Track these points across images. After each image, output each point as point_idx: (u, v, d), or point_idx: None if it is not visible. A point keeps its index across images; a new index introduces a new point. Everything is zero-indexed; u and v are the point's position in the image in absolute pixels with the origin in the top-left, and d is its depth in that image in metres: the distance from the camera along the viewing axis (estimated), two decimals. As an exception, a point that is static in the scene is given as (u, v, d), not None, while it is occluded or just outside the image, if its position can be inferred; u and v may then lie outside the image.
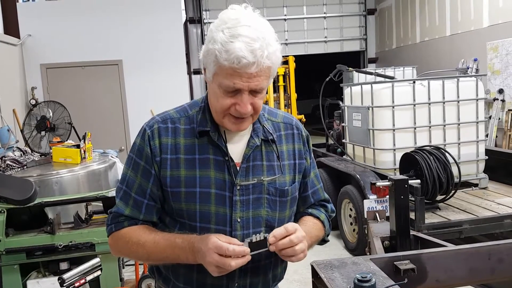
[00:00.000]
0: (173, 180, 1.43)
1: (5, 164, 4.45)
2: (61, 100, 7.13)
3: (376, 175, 4.71)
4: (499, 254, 1.71)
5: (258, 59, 1.29)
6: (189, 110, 1.52)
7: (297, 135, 1.60)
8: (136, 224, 1.47)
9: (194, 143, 1.46)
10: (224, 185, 1.44)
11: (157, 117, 1.52)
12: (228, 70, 1.31)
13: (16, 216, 3.37)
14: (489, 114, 8.02)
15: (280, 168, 1.50)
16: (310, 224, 1.57)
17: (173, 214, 1.47)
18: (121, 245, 1.48)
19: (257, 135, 1.50)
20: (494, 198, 4.64)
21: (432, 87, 4.94)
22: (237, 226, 1.44)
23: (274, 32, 1.38)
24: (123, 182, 1.50)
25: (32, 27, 9.99)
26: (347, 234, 5.14)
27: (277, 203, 1.49)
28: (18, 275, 3.24)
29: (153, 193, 1.46)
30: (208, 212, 1.43)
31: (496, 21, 8.21)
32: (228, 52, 1.29)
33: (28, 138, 5.68)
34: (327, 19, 12.95)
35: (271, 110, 1.61)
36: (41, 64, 10.12)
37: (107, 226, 1.52)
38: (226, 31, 1.31)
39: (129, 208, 1.47)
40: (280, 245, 1.35)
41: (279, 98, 10.12)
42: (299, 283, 4.27)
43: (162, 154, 1.44)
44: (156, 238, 1.42)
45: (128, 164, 1.51)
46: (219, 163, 1.45)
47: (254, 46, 1.29)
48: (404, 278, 1.54)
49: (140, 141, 1.49)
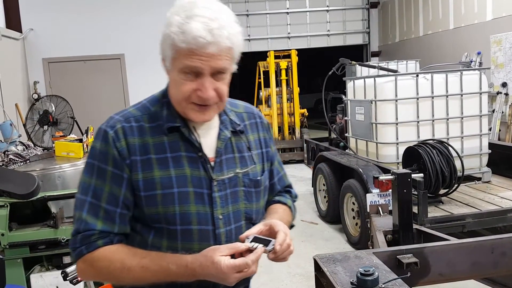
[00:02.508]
0: (146, 183, 1.32)
1: (8, 159, 4.46)
2: (64, 94, 7.14)
3: (379, 169, 4.70)
4: (502, 248, 1.71)
5: (216, 39, 1.23)
6: (150, 106, 1.41)
7: (260, 124, 1.56)
8: (111, 242, 1.32)
9: (163, 141, 1.36)
10: (201, 182, 1.36)
11: (117, 117, 1.38)
12: (186, 51, 1.24)
13: (19, 210, 3.38)
14: (493, 107, 7.99)
15: (252, 158, 1.47)
16: (281, 211, 1.55)
17: (146, 220, 1.35)
18: (99, 270, 1.31)
19: (226, 127, 1.44)
20: (497, 192, 4.63)
21: (435, 81, 4.91)
22: (220, 224, 1.37)
23: (235, 16, 1.32)
24: (86, 193, 1.33)
25: (34, 21, 9.99)
26: (349, 228, 5.14)
27: (253, 194, 1.45)
28: (21, 269, 3.25)
29: (126, 199, 1.33)
30: (189, 212, 1.33)
31: (500, 14, 8.16)
32: (184, 33, 1.23)
33: (30, 133, 5.69)
34: (329, 12, 12.89)
35: (231, 101, 1.55)
36: (43, 59, 10.12)
37: (74, 249, 1.32)
38: (182, 13, 1.25)
39: (101, 221, 1.31)
40: (280, 252, 1.29)
41: (282, 92, 10.11)
42: (302, 277, 4.27)
43: (131, 155, 1.32)
44: (143, 262, 1.28)
45: (89, 172, 1.34)
46: (192, 160, 1.36)
47: (212, 25, 1.23)
48: (407, 272, 1.54)
49: (101, 145, 1.34)
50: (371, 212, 3.36)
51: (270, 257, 1.29)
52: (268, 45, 12.61)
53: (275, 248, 1.27)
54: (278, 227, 1.33)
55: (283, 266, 4.52)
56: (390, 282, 1.30)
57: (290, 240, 1.32)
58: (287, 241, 1.31)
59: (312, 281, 1.56)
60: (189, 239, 1.34)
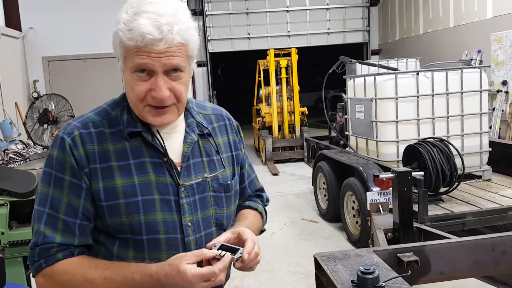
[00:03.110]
0: (108, 192, 1.25)
1: (7, 157, 4.46)
2: (63, 93, 7.14)
3: (379, 167, 4.70)
4: (502, 246, 1.71)
5: (165, 35, 1.17)
6: (110, 111, 1.34)
7: (229, 126, 1.50)
8: (72, 255, 1.25)
9: (125, 147, 1.29)
10: (167, 189, 1.29)
11: (74, 123, 1.31)
12: (134, 49, 1.19)
13: (19, 209, 3.38)
14: (493, 106, 7.98)
15: (221, 162, 1.41)
16: (250, 217, 1.51)
17: (110, 230, 1.28)
18: (59, 284, 1.24)
19: (193, 130, 1.38)
20: (498, 190, 4.62)
21: (436, 79, 4.90)
22: (189, 231, 1.31)
23: (188, 11, 1.26)
24: (44, 204, 1.26)
25: (34, 20, 9.97)
26: (350, 226, 5.13)
27: (223, 199, 1.39)
28: (21, 267, 3.25)
29: (86, 210, 1.26)
30: (155, 221, 1.27)
31: (500, 12, 8.15)
32: (131, 31, 1.17)
33: (30, 131, 5.69)
34: (329, 11, 12.89)
35: (198, 103, 1.49)
36: (43, 57, 10.11)
37: (32, 263, 1.25)
38: (130, 10, 1.20)
39: (60, 234, 1.24)
40: (247, 261, 1.23)
41: (282, 90, 10.10)
42: (302, 275, 4.27)
43: (90, 164, 1.26)
44: (106, 273, 1.21)
45: (47, 181, 1.27)
46: (157, 166, 1.30)
47: (160, 21, 1.17)
48: (408, 270, 1.54)
49: (58, 153, 1.27)
50: (372, 210, 3.36)
51: (237, 266, 1.24)
52: (268, 43, 12.61)
53: (243, 257, 1.22)
54: (246, 235, 1.27)
55: (283, 264, 4.52)
56: (391, 281, 1.30)
57: (258, 248, 1.28)
58: (255, 250, 1.26)
59: (313, 280, 1.56)
60: (157, 249, 1.29)
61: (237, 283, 4.06)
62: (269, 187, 7.08)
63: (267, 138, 9.84)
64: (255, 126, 11.01)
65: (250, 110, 12.12)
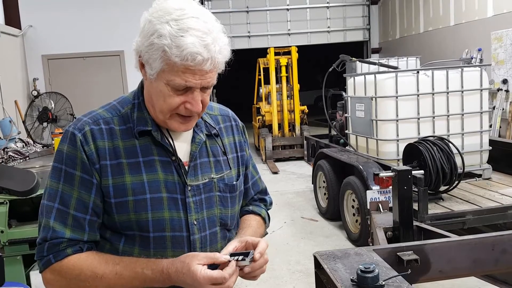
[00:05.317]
0: (117, 189, 1.27)
1: (7, 156, 4.45)
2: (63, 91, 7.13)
3: (379, 166, 4.69)
4: (502, 245, 1.70)
5: (212, 55, 1.19)
6: (120, 108, 1.35)
7: (235, 127, 1.52)
8: (81, 250, 1.26)
9: (134, 144, 1.30)
10: (175, 188, 1.31)
11: (85, 118, 1.31)
12: (180, 67, 1.19)
13: (19, 207, 3.38)
14: (493, 104, 7.98)
15: (227, 163, 1.43)
16: (254, 224, 1.52)
17: (116, 227, 1.30)
18: (69, 279, 1.24)
19: (201, 130, 1.39)
20: (498, 188, 4.62)
21: (436, 77, 4.90)
22: (194, 230, 1.33)
23: (221, 24, 1.27)
24: (53, 199, 1.26)
25: (34, 18, 9.97)
26: (349, 225, 5.13)
27: (228, 199, 1.41)
28: (21, 266, 3.25)
29: (96, 206, 1.27)
30: (162, 219, 1.29)
31: (501, 10, 8.14)
32: (179, 48, 1.16)
33: (30, 129, 5.69)
34: (330, 9, 12.87)
35: None
36: (43, 55, 10.11)
37: (41, 258, 1.25)
38: (173, 23, 1.18)
39: (70, 229, 1.24)
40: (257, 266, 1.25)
41: (282, 89, 10.09)
42: (302, 274, 4.27)
43: (101, 160, 1.26)
44: (117, 269, 1.23)
45: (57, 176, 1.27)
46: (165, 164, 1.31)
47: (207, 40, 1.18)
48: (407, 269, 1.53)
49: (69, 148, 1.26)
50: (371, 209, 3.37)
51: (246, 270, 1.25)
52: (268, 42, 12.60)
53: (254, 256, 1.24)
54: (257, 239, 1.31)
55: (283, 263, 4.52)
56: (391, 279, 1.29)
57: (267, 256, 1.29)
58: (265, 257, 1.28)
59: (312, 278, 1.55)
60: (162, 246, 1.30)
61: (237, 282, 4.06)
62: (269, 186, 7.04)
63: (267, 136, 9.84)
64: (255, 124, 11.01)
65: (250, 109, 12.11)
